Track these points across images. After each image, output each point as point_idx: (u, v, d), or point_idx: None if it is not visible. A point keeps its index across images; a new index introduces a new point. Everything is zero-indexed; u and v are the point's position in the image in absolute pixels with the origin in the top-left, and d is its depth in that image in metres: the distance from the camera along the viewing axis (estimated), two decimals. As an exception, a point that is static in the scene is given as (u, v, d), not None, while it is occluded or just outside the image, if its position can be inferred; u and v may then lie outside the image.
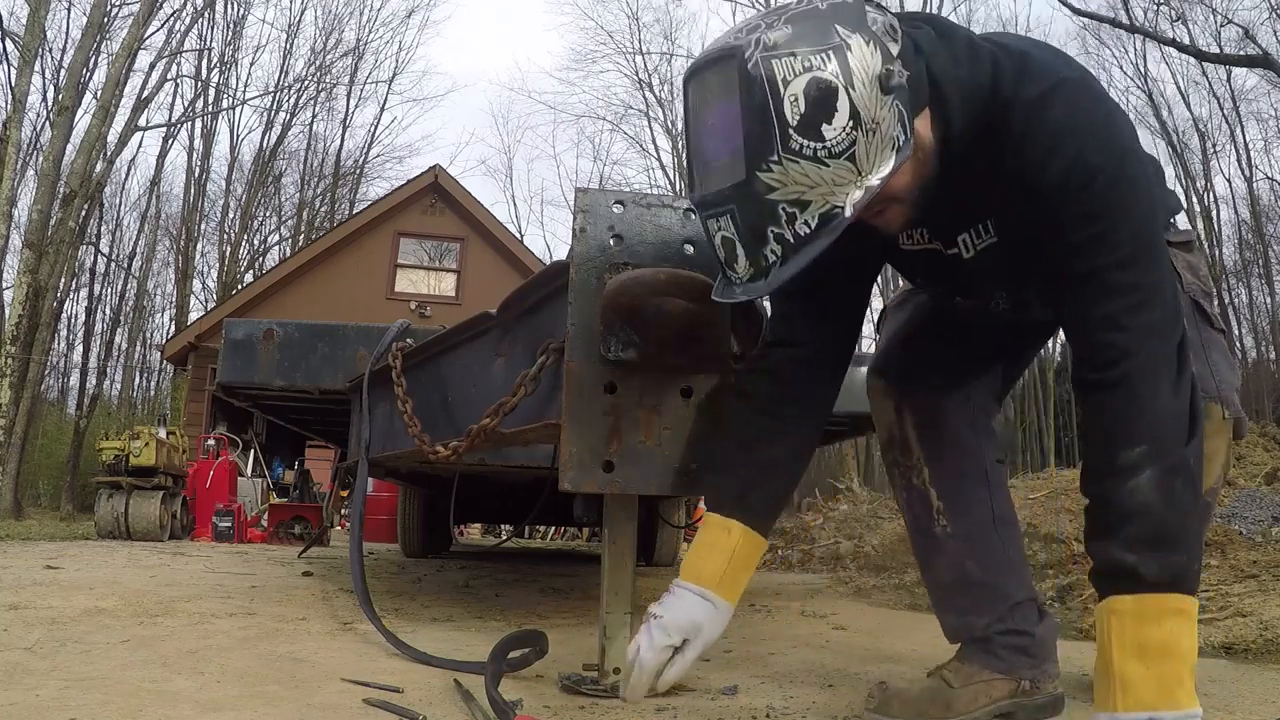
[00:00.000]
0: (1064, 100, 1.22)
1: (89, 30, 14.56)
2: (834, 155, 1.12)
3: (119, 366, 25.73)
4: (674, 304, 1.52)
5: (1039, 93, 1.22)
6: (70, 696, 1.52)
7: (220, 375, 2.98)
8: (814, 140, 1.11)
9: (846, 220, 1.15)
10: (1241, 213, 23.87)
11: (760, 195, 1.14)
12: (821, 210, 1.14)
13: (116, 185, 22.88)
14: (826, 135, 1.11)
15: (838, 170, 1.12)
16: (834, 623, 2.91)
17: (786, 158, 1.11)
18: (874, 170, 1.15)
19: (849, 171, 1.13)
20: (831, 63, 1.11)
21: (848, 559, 5.23)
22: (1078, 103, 1.23)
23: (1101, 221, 1.20)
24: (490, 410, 1.75)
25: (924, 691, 1.54)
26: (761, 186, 1.13)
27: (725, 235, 1.20)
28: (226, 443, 9.92)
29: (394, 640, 2.09)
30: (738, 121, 1.13)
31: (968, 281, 1.49)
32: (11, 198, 13.83)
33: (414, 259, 15.26)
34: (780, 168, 1.12)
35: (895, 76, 1.13)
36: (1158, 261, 1.23)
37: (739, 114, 1.13)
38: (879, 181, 1.15)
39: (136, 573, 3.97)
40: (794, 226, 1.14)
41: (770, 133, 1.11)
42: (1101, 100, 1.25)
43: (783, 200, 1.14)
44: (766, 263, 1.18)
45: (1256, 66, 16.91)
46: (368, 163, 27.54)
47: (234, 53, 23.63)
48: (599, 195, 1.67)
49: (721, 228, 1.20)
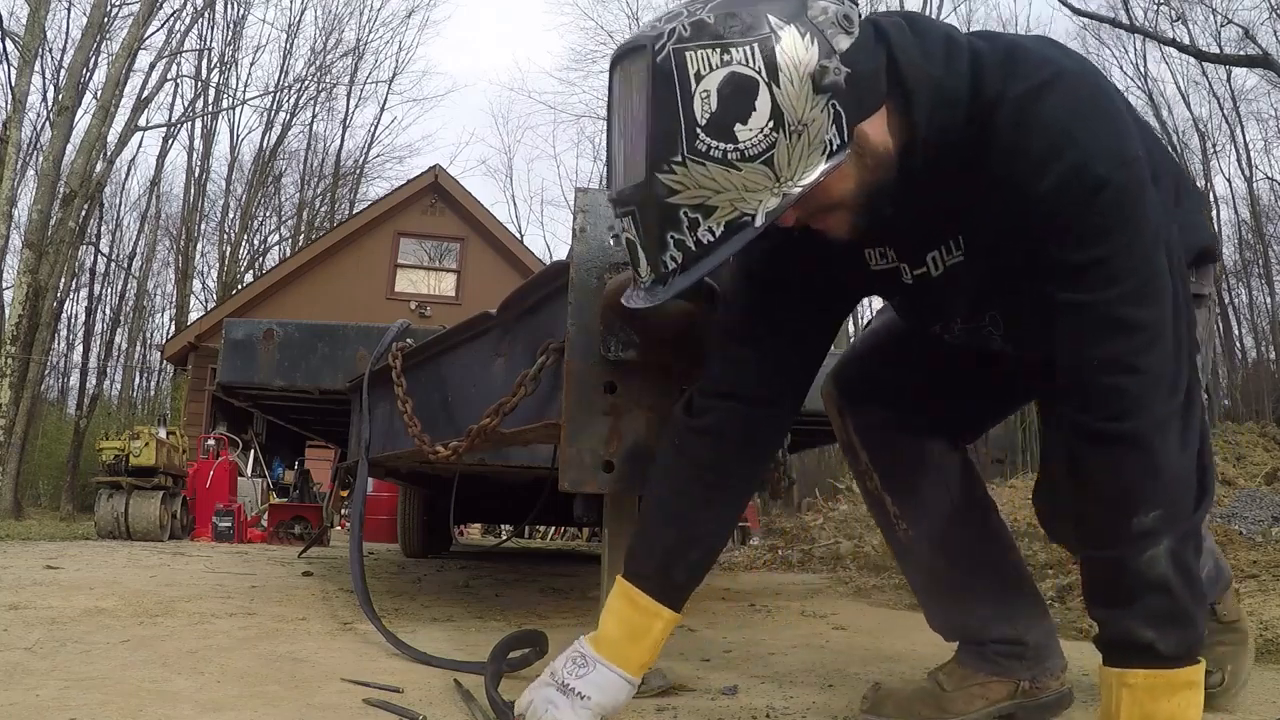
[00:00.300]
0: (1063, 93, 1.09)
1: (89, 30, 14.56)
2: (747, 159, 1.01)
3: (119, 366, 25.74)
4: (674, 304, 1.51)
5: (1031, 86, 1.09)
6: (70, 696, 1.52)
7: (220, 375, 2.98)
8: (724, 141, 1.00)
9: (756, 230, 1.04)
10: (1241, 213, 23.87)
11: (660, 198, 1.04)
12: (728, 217, 1.03)
13: (116, 185, 22.90)
14: (740, 136, 1.00)
15: (750, 175, 1.02)
16: (834, 623, 2.90)
17: (691, 159, 1.01)
18: (796, 177, 1.03)
19: (765, 177, 1.02)
20: (756, 56, 1.00)
21: (848, 559, 5.23)
22: (1079, 96, 1.09)
23: (1108, 243, 1.07)
24: (490, 410, 1.75)
25: (917, 693, 1.54)
26: (662, 189, 1.03)
27: (629, 237, 1.11)
28: (226, 443, 9.91)
29: (394, 640, 2.09)
30: (645, 118, 1.04)
31: (937, 302, 1.34)
32: (11, 198, 13.83)
33: (414, 259, 15.26)
34: (684, 169, 1.02)
35: (831, 74, 1.01)
36: (1165, 291, 1.10)
37: (647, 109, 1.03)
38: (800, 190, 1.04)
39: (136, 573, 3.97)
40: (696, 233, 1.04)
41: (675, 131, 1.01)
42: (1109, 95, 1.12)
43: (685, 204, 1.03)
44: (665, 269, 1.08)
45: (1256, 66, 16.90)
46: (368, 163, 27.58)
47: (234, 53, 23.67)
48: (599, 195, 1.66)
49: (625, 229, 1.11)
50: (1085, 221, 1.07)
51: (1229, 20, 17.33)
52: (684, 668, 2.00)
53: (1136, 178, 1.09)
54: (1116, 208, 1.07)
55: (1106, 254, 1.07)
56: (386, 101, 28.29)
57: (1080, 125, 1.07)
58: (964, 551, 1.55)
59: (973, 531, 1.56)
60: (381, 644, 2.18)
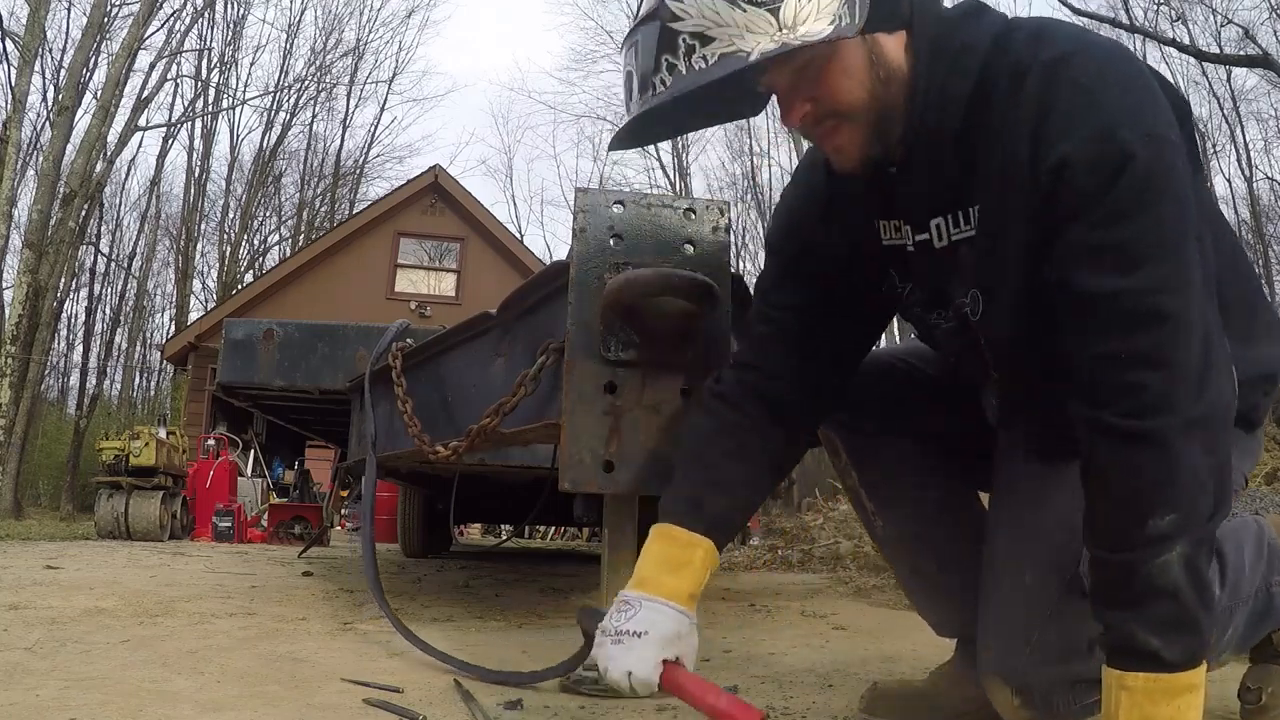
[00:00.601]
0: (1096, 59, 1.04)
1: (89, 30, 14.57)
2: (753, 2, 1.03)
3: (119, 366, 25.76)
4: (673, 304, 1.52)
5: (1064, 52, 1.05)
6: (70, 696, 1.52)
7: (220, 375, 2.98)
8: None
9: (747, 64, 1.04)
10: (1241, 213, 23.86)
11: (664, 21, 1.06)
12: (724, 49, 1.04)
13: (116, 185, 22.90)
14: None
15: (754, 17, 1.03)
16: (834, 623, 2.90)
17: None
18: (798, 29, 1.03)
19: (768, 23, 1.03)
20: None
21: (848, 559, 5.22)
22: (1110, 64, 1.04)
23: (1133, 225, 1.00)
24: (490, 410, 1.75)
25: (914, 693, 1.54)
26: (666, 13, 1.06)
27: (628, 70, 1.13)
28: (226, 443, 9.91)
29: (418, 642, 2.05)
30: None
31: (937, 283, 1.27)
32: (11, 198, 13.84)
33: (414, 259, 15.26)
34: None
35: None
36: (1194, 285, 1.03)
37: None
38: (799, 41, 1.03)
39: (136, 573, 3.97)
40: (690, 60, 1.06)
41: None
42: (1142, 71, 1.06)
43: (684, 31, 1.05)
44: (653, 91, 1.09)
45: (1256, 66, 16.90)
46: (368, 163, 27.57)
47: (234, 53, 23.68)
48: (599, 195, 1.66)
49: (627, 63, 1.13)
50: (1111, 198, 1.00)
51: (1229, 20, 17.35)
52: (684, 668, 2.00)
53: (1166, 155, 1.02)
54: (1144, 184, 1.00)
55: (1131, 236, 1.00)
56: (386, 101, 28.25)
57: (1109, 90, 1.02)
58: (946, 551, 1.50)
59: (954, 531, 1.50)
60: (382, 644, 2.18)
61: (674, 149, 26.44)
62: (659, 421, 1.60)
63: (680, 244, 1.66)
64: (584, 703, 1.62)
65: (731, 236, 1.71)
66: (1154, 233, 1.01)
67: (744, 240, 25.17)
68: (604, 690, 1.66)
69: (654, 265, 1.60)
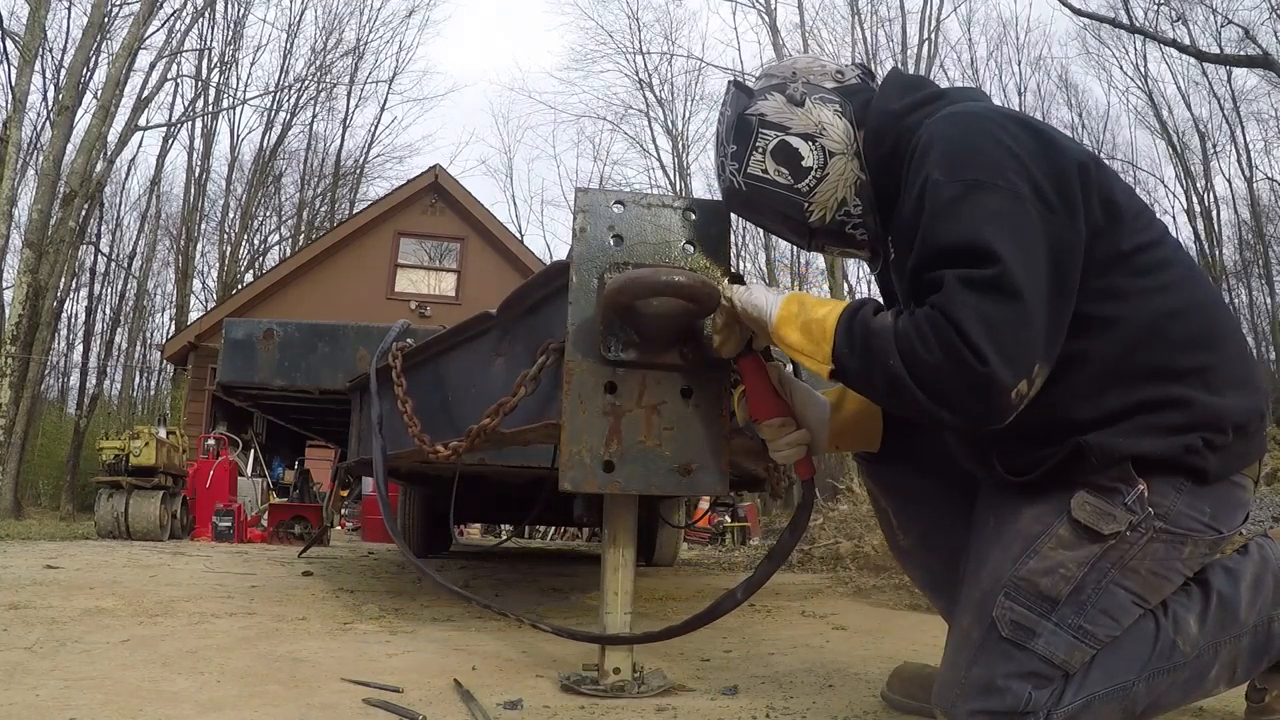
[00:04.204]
0: (944, 120, 1.29)
1: (89, 30, 14.57)
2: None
3: (119, 366, 25.74)
4: (673, 304, 1.52)
5: (933, 118, 1.31)
6: (70, 696, 1.52)
7: (220, 375, 2.98)
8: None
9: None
10: (1241, 213, 23.88)
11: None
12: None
13: (116, 185, 22.91)
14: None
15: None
16: (834, 623, 2.91)
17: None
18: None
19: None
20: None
21: (848, 559, 5.22)
22: (955, 123, 1.28)
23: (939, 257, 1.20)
24: (490, 410, 1.75)
25: (934, 675, 1.56)
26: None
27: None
28: (226, 443, 9.91)
29: (476, 601, 2.04)
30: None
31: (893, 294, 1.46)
32: (12, 197, 13.83)
33: (414, 259, 15.25)
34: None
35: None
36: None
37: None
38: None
39: (136, 573, 3.97)
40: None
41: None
42: (984, 129, 1.25)
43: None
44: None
45: (1256, 67, 16.90)
46: (368, 163, 27.57)
47: (234, 52, 23.66)
48: (599, 195, 1.67)
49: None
50: (930, 219, 1.22)
51: (1229, 20, 17.35)
52: (684, 668, 2.00)
53: (977, 193, 1.19)
54: (943, 207, 1.22)
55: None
56: (386, 101, 28.31)
57: (941, 144, 1.25)
58: (955, 550, 1.53)
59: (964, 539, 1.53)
60: (382, 644, 2.18)
61: (674, 149, 26.45)
62: (659, 421, 1.60)
63: (680, 244, 1.66)
64: (584, 703, 1.62)
65: (732, 236, 1.71)
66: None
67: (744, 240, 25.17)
68: (604, 690, 1.66)
69: (654, 265, 1.60)
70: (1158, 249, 1.29)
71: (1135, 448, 1.23)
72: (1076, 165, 1.24)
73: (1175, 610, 1.30)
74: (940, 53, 22.48)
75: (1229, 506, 1.28)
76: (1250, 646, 1.32)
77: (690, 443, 1.61)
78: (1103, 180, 1.27)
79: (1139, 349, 1.24)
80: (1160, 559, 1.25)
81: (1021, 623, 1.25)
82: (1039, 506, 1.29)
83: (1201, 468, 1.24)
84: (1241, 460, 1.28)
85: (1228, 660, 1.31)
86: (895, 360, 1.19)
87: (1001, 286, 1.14)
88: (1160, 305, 1.25)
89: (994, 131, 1.24)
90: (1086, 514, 1.24)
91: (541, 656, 2.11)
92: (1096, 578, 1.25)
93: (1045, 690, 1.25)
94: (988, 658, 1.27)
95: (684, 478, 1.61)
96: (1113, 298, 1.24)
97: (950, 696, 1.30)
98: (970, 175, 1.21)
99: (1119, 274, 1.25)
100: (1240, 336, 1.33)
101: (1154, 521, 1.24)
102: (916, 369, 1.17)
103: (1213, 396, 1.24)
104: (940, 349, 1.14)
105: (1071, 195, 1.22)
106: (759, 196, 1.48)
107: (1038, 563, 1.26)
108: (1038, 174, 1.21)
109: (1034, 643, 1.25)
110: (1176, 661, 1.28)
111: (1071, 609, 1.25)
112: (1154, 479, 1.24)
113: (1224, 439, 1.24)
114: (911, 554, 1.64)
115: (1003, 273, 1.14)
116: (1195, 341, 1.26)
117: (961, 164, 1.22)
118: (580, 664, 1.79)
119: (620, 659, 1.69)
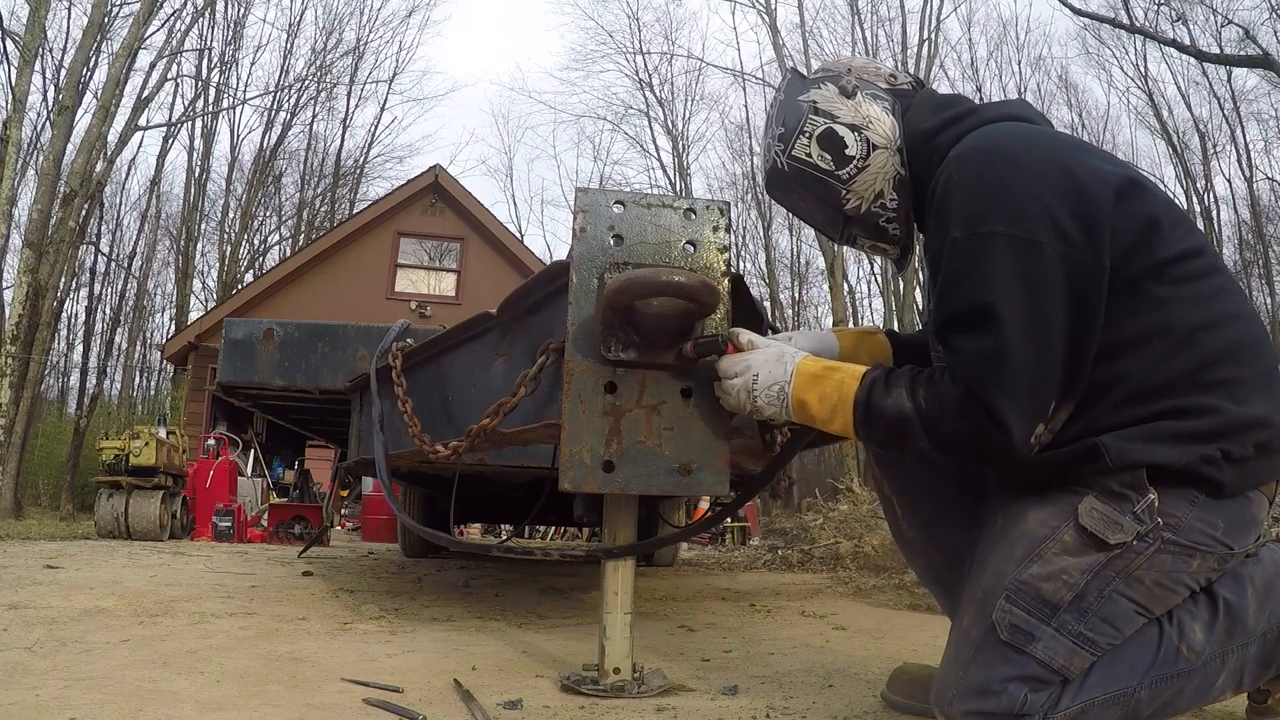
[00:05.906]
0: (969, 153, 1.32)
1: (89, 30, 14.55)
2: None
3: (119, 366, 25.70)
4: (674, 304, 1.52)
5: (960, 148, 1.34)
6: (70, 696, 1.52)
7: (220, 375, 2.98)
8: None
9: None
10: (1241, 213, 23.87)
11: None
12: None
13: (116, 185, 22.86)
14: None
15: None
16: (834, 623, 2.91)
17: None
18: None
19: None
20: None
21: (848, 559, 5.23)
22: (971, 167, 1.30)
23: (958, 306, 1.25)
24: (490, 410, 1.75)
25: (921, 676, 1.58)
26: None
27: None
28: (226, 443, 9.91)
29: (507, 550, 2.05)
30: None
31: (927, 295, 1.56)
32: (12, 197, 13.82)
33: (414, 259, 15.25)
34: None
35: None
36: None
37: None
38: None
39: (136, 573, 3.97)
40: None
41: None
42: (1006, 167, 1.27)
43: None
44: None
45: (1256, 67, 16.89)
46: (368, 163, 27.53)
47: (234, 52, 23.64)
48: (599, 195, 1.66)
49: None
50: (946, 281, 1.27)
51: (1229, 20, 17.34)
52: (684, 668, 2.00)
53: (991, 240, 1.23)
54: (965, 249, 1.25)
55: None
56: (386, 101, 28.30)
57: (959, 193, 1.28)
58: (957, 543, 1.55)
59: (966, 531, 1.54)
60: (382, 644, 2.18)
61: (674, 149, 26.45)
62: (659, 421, 1.60)
63: (680, 244, 1.66)
64: (584, 703, 1.62)
65: (732, 236, 1.71)
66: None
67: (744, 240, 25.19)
68: (604, 690, 1.66)
69: (654, 265, 1.60)
70: (1198, 259, 1.29)
71: (1151, 455, 1.22)
72: (1112, 191, 1.24)
73: (1180, 617, 1.29)
74: (940, 53, 22.49)
75: (1242, 523, 1.28)
76: (1258, 654, 1.31)
77: (690, 443, 1.61)
78: (1141, 198, 1.27)
79: (1171, 359, 1.24)
80: (1166, 570, 1.25)
81: (1021, 626, 1.25)
82: (1047, 509, 1.29)
83: (1218, 480, 1.23)
84: (1259, 477, 1.27)
85: (1235, 668, 1.30)
86: (924, 443, 1.29)
87: (1009, 352, 1.19)
88: (1196, 315, 1.25)
89: (1016, 170, 1.25)
90: (1094, 521, 1.24)
91: (541, 656, 2.11)
92: (1100, 586, 1.25)
93: (1042, 693, 1.25)
94: (986, 659, 1.27)
95: (684, 478, 1.61)
96: (1146, 309, 1.24)
97: (947, 695, 1.30)
98: (987, 227, 1.23)
99: (1156, 283, 1.25)
100: (1272, 354, 1.32)
101: (1162, 532, 1.23)
102: (943, 448, 1.28)
103: (1240, 407, 1.23)
104: (965, 423, 1.23)
105: (1097, 226, 1.22)
106: (800, 179, 1.51)
107: (1041, 567, 1.26)
108: (1060, 209, 1.21)
109: (1033, 647, 1.25)
110: (1181, 669, 1.27)
111: (1072, 615, 1.24)
112: (1167, 489, 1.23)
113: (1244, 452, 1.24)
114: (914, 544, 1.64)
115: (1013, 340, 1.19)
116: (1228, 354, 1.26)
117: (980, 215, 1.24)
118: (580, 664, 1.79)
119: (620, 659, 1.69)
